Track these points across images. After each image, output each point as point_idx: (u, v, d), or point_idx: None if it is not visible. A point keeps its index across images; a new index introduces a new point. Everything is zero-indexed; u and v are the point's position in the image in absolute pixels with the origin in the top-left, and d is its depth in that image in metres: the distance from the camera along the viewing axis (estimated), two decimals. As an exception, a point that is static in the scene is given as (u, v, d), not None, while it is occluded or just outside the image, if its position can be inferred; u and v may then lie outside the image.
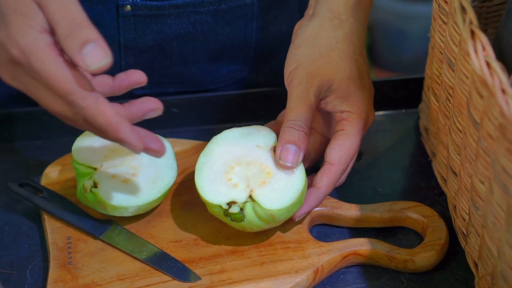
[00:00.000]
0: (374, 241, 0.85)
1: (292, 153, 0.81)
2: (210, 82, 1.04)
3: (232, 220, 0.81)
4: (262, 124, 0.89)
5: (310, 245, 0.84)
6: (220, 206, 0.81)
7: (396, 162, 0.98)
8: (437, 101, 0.89)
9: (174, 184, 0.88)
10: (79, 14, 0.69)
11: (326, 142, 0.90)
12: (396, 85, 1.04)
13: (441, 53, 0.85)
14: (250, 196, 0.81)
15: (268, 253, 0.83)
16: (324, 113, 0.90)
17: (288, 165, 0.81)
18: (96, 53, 0.68)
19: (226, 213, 0.81)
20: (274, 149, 0.84)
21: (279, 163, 0.82)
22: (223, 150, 0.84)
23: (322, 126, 0.90)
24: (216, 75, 1.04)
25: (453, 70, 0.81)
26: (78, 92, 0.69)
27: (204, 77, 1.04)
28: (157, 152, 0.75)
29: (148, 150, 0.74)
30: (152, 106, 0.75)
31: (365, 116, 0.86)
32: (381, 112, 1.03)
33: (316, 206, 0.85)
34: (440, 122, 0.88)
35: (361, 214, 0.88)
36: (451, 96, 0.83)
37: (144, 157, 0.86)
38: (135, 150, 0.72)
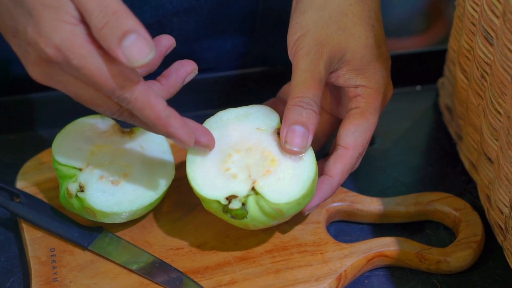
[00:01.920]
0: (401, 240, 0.75)
1: (300, 135, 0.71)
2: (213, 60, 0.93)
3: (232, 217, 0.71)
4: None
5: (329, 248, 0.74)
6: (218, 202, 0.71)
7: (416, 146, 0.88)
8: (467, 78, 0.79)
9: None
10: (114, 0, 0.62)
11: (334, 122, 0.80)
12: (410, 59, 0.94)
13: (474, 25, 0.74)
14: (253, 188, 0.71)
15: (283, 258, 0.73)
16: (333, 88, 0.79)
17: (295, 150, 0.71)
18: (138, 46, 0.61)
19: (225, 209, 0.71)
20: (277, 132, 0.73)
21: (285, 148, 0.71)
22: (218, 135, 0.73)
23: (330, 104, 0.80)
24: (219, 51, 0.94)
25: (491, 45, 0.70)
26: (125, 86, 0.63)
27: (206, 54, 0.93)
28: (206, 147, 0.71)
29: (197, 145, 0.71)
30: (188, 70, 0.72)
31: (383, 91, 0.76)
32: (395, 90, 0.92)
33: (329, 197, 0.75)
34: (471, 101, 0.78)
35: (384, 209, 0.78)
36: (487, 73, 0.73)
37: (136, 154, 0.75)
38: (184, 145, 0.68)
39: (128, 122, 0.69)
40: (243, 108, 0.75)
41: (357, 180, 0.83)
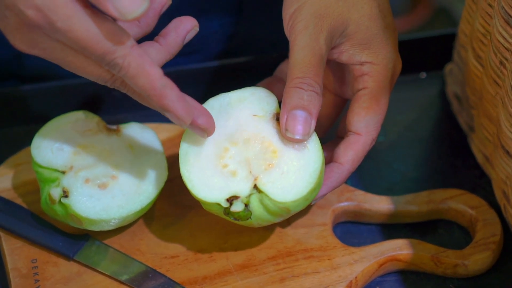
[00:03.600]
0: (415, 242, 0.69)
1: (302, 121, 0.64)
2: (198, 41, 0.86)
3: (235, 219, 0.65)
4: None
5: (338, 252, 0.68)
6: (219, 204, 0.64)
7: (423, 138, 0.82)
8: (482, 65, 0.73)
9: (162, 182, 0.70)
10: None
11: (339, 103, 0.74)
12: (413, 44, 0.88)
13: (491, 7, 0.68)
14: (255, 186, 0.64)
15: (287, 265, 0.67)
16: (335, 65, 0.72)
17: (297, 138, 0.65)
18: None
19: (227, 211, 0.64)
20: (276, 117, 0.67)
21: (286, 136, 0.65)
22: None
23: (332, 82, 0.73)
24: (205, 32, 0.87)
25: (513, 28, 0.64)
26: (116, 50, 0.58)
27: None
28: (204, 131, 0.64)
29: (193, 127, 0.64)
30: (187, 27, 0.66)
31: (392, 67, 0.69)
32: (397, 78, 0.86)
33: (338, 186, 0.69)
34: (487, 90, 0.72)
35: (394, 209, 0.72)
36: (506, 60, 0.67)
37: (124, 153, 0.69)
38: (180, 123, 0.62)
39: (123, 91, 0.63)
40: (236, 92, 0.68)
41: (362, 177, 0.77)
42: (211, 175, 0.65)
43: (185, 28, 0.66)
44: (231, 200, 0.64)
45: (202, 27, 0.87)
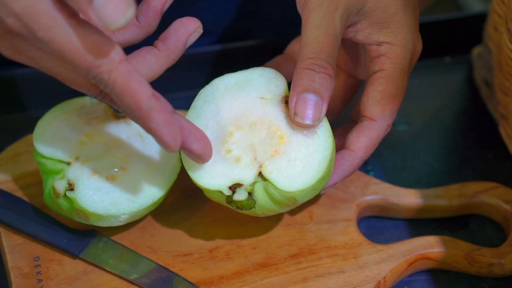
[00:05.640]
0: (447, 239, 0.65)
1: (312, 105, 0.60)
2: (212, 23, 0.81)
3: (238, 208, 0.61)
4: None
5: (364, 250, 0.64)
6: (221, 192, 0.60)
7: (450, 127, 0.77)
8: (518, 49, 0.68)
9: (174, 174, 0.66)
10: None
11: (353, 84, 0.70)
12: (436, 27, 0.83)
13: (532, -15, 0.63)
14: (260, 173, 0.60)
15: (310, 264, 0.63)
16: (350, 43, 0.68)
17: (307, 123, 0.60)
18: (114, 4, 0.51)
19: (229, 200, 0.60)
20: (285, 100, 0.62)
21: (295, 121, 0.61)
22: (215, 109, 0.63)
23: (347, 62, 0.69)
24: (219, 12, 0.82)
25: (559, 8, 0.59)
26: (102, 65, 0.55)
27: (204, 17, 0.82)
28: (198, 157, 0.60)
29: (187, 152, 0.60)
30: (189, 29, 0.61)
31: (411, 48, 0.65)
32: (420, 62, 0.81)
33: (350, 175, 0.64)
34: (523, 76, 0.67)
35: (423, 203, 0.67)
36: (549, 43, 0.62)
37: (134, 143, 0.64)
38: (165, 149, 0.57)
39: (114, 108, 0.58)
40: (242, 72, 0.64)
41: (387, 169, 0.72)
42: (213, 161, 0.61)
43: (186, 30, 0.61)
44: (234, 188, 0.60)
45: (216, 7, 0.83)
